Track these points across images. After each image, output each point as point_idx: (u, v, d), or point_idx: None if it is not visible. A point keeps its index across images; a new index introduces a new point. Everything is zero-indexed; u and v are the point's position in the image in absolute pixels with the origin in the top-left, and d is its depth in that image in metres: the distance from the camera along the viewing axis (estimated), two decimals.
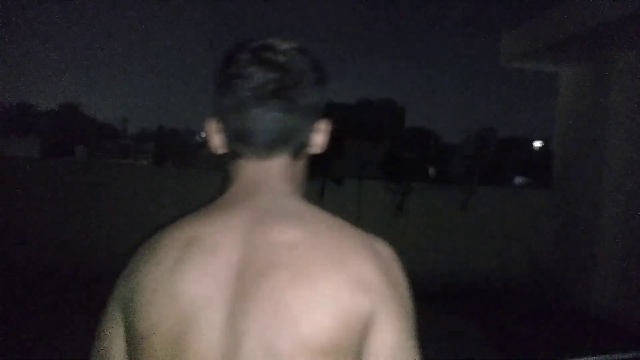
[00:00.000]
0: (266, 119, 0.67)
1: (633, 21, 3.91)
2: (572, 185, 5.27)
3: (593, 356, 2.49)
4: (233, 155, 0.72)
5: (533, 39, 5.09)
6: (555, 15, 4.76)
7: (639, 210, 4.55)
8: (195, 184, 5.16)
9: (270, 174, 0.71)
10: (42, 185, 4.96)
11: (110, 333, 0.69)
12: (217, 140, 0.73)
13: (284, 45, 0.68)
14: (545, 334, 4.04)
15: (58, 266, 4.70)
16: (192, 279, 0.63)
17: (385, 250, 0.68)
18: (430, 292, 5.06)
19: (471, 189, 5.07)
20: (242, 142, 0.70)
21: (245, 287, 0.62)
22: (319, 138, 0.73)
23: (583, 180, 5.05)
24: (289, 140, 0.70)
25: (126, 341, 0.67)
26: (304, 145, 0.72)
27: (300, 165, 0.74)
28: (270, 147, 0.69)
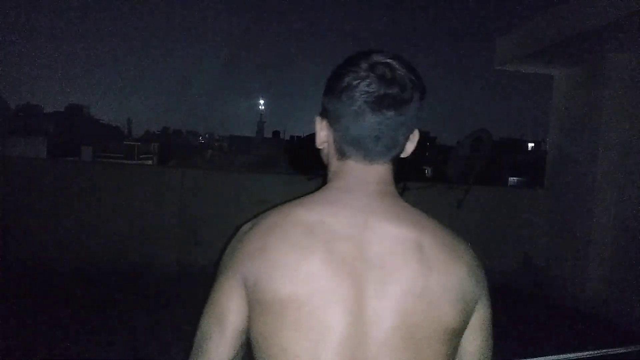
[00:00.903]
0: (381, 129, 0.75)
1: (623, 24, 3.98)
2: (565, 184, 5.36)
3: (585, 352, 2.59)
4: (341, 154, 0.80)
5: (526, 43, 5.19)
6: (548, 20, 4.85)
7: (630, 208, 4.64)
8: (199, 184, 5.30)
9: (375, 176, 0.79)
10: (48, 185, 5.02)
11: (228, 301, 0.75)
12: (323, 137, 0.83)
13: (397, 62, 0.76)
14: (538, 330, 4.12)
15: (64, 265, 4.77)
16: (325, 260, 0.71)
17: (466, 241, 0.81)
18: None
19: (466, 188, 5.17)
20: (355, 145, 0.77)
21: (379, 273, 0.71)
22: (411, 146, 0.83)
23: (576, 180, 5.15)
24: (394, 149, 0.79)
25: (253, 310, 0.73)
26: (401, 152, 0.81)
27: (392, 167, 0.83)
28: (379, 154, 0.78)
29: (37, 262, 4.71)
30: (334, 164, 0.82)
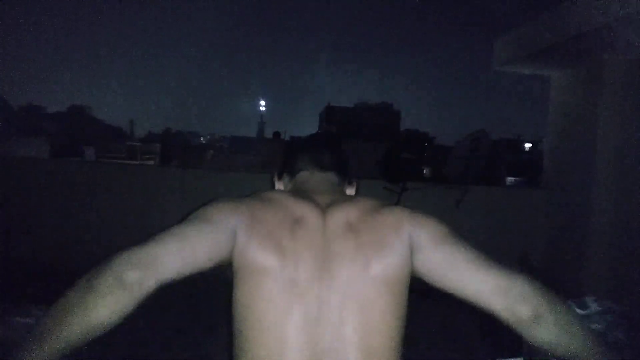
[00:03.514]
0: (321, 157, 1.20)
1: (621, 25, 4.01)
2: (562, 185, 5.39)
3: None
4: (292, 174, 1.21)
5: (524, 44, 5.23)
6: (546, 21, 4.88)
7: (628, 207, 4.66)
8: (199, 183, 5.34)
9: (323, 178, 1.16)
10: (51, 186, 5.06)
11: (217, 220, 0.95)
12: (280, 187, 1.24)
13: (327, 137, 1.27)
14: None
15: (65, 265, 4.75)
16: (298, 236, 0.93)
17: (408, 209, 1.07)
18: (425, 287, 5.18)
19: (465, 188, 5.20)
20: (303, 164, 1.20)
21: (334, 242, 0.93)
22: (352, 189, 1.23)
23: (573, 180, 5.17)
24: (335, 166, 1.20)
25: (237, 276, 0.91)
26: (346, 172, 1.22)
27: (347, 187, 1.24)
28: (323, 166, 1.18)
29: (39, 261, 4.73)
30: (287, 177, 1.24)
